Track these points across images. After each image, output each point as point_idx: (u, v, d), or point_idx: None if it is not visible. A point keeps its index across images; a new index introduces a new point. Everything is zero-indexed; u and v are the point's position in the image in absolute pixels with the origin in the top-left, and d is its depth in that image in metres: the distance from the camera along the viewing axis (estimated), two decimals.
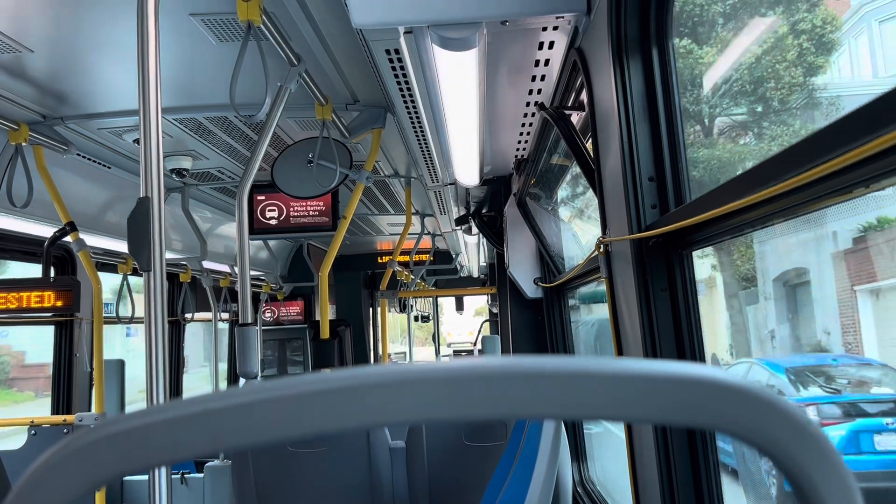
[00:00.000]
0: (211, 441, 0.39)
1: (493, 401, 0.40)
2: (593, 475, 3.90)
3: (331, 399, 0.39)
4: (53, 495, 0.39)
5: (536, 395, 0.40)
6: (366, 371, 0.40)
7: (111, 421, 0.39)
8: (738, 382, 0.39)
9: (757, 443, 0.40)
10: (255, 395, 0.39)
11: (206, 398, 0.39)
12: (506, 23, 2.11)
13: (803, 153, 0.99)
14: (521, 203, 4.21)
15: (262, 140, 2.62)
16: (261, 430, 0.39)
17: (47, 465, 0.40)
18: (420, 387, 0.39)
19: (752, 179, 1.15)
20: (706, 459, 1.65)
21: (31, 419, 4.07)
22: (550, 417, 0.41)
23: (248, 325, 2.57)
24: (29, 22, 2.41)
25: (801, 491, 0.40)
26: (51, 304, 3.88)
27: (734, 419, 0.40)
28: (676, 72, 1.72)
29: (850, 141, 0.84)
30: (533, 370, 0.40)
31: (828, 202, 1.03)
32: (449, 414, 0.40)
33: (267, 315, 8.53)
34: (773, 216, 1.20)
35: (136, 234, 1.66)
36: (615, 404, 0.40)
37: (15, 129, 3.25)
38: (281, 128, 3.81)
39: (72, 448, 0.39)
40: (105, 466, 0.40)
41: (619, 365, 0.40)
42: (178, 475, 4.84)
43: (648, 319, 1.71)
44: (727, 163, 3.83)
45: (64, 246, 4.62)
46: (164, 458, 0.39)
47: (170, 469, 1.76)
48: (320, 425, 0.39)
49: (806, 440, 0.40)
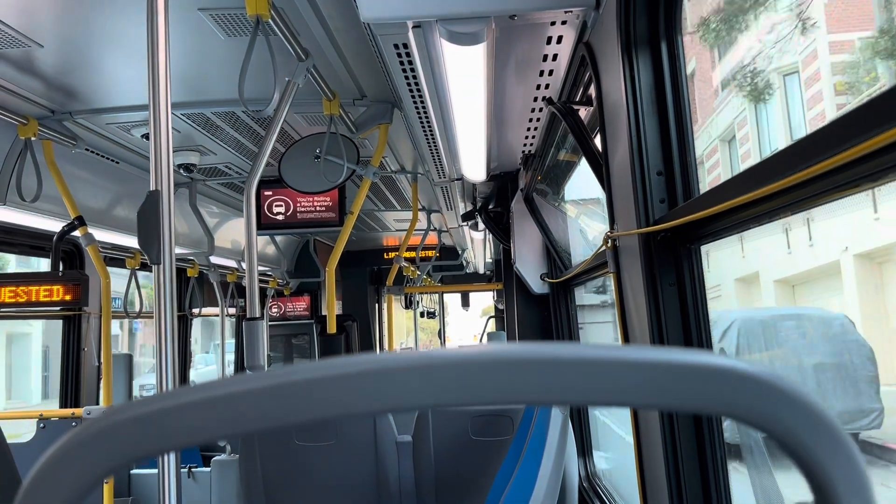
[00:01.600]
0: (229, 424, 0.39)
1: (503, 386, 0.40)
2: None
3: (344, 384, 0.39)
4: (72, 479, 0.40)
5: (545, 380, 0.40)
6: (379, 357, 0.40)
7: (128, 406, 0.40)
8: (750, 369, 0.40)
9: (769, 429, 0.40)
10: (270, 379, 0.39)
11: (222, 383, 0.39)
12: (514, 17, 2.11)
13: (812, 147, 0.99)
14: (527, 198, 4.21)
15: (269, 135, 2.62)
16: (278, 413, 0.39)
17: (65, 450, 0.40)
18: (435, 372, 0.39)
19: (761, 173, 1.15)
20: (713, 446, 1.65)
21: (39, 412, 4.10)
22: (562, 403, 0.41)
23: (255, 320, 2.58)
24: (39, 17, 2.42)
25: (813, 479, 0.41)
26: (59, 298, 3.90)
27: (746, 406, 0.40)
28: (685, 66, 1.72)
29: (862, 133, 0.84)
30: (543, 356, 0.40)
31: (837, 195, 1.03)
32: (461, 399, 0.40)
33: (273, 310, 8.55)
34: (782, 210, 1.20)
35: (146, 228, 1.67)
36: (627, 390, 0.40)
37: (24, 124, 3.27)
38: (288, 123, 3.81)
39: (90, 432, 0.40)
40: (122, 450, 0.40)
41: (631, 351, 0.40)
42: (186, 469, 4.86)
43: (656, 314, 1.71)
44: None
45: (72, 240, 4.64)
46: (180, 441, 0.39)
47: (179, 462, 1.77)
48: (332, 410, 0.39)
49: (819, 428, 0.40)
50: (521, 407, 3.26)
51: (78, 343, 5.11)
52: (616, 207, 1.99)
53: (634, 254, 1.79)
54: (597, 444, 4.02)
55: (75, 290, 3.90)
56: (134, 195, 4.54)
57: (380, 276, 10.46)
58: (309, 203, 4.80)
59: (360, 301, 9.88)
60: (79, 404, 5.03)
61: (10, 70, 2.85)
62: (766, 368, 0.40)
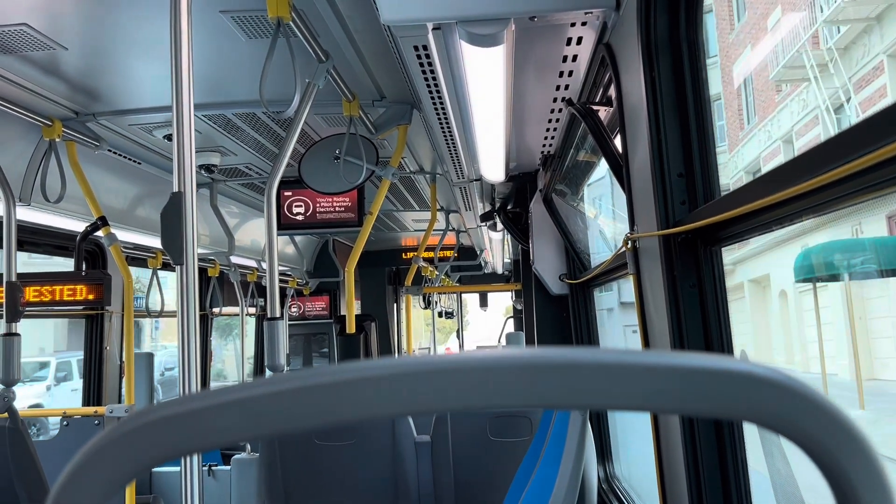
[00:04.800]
0: (257, 426, 0.40)
1: (523, 390, 0.40)
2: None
3: (369, 386, 0.40)
4: (103, 479, 0.41)
5: (566, 385, 0.40)
6: (401, 361, 0.40)
7: (157, 407, 0.41)
8: (770, 373, 0.40)
9: (789, 434, 0.40)
10: (298, 381, 0.40)
11: (250, 385, 0.40)
12: (534, 18, 2.10)
13: (835, 149, 0.98)
14: (546, 199, 4.20)
15: (290, 136, 2.64)
16: (305, 416, 0.40)
17: (95, 450, 0.41)
18: (458, 375, 0.40)
19: (784, 175, 1.14)
20: (734, 451, 1.64)
21: (63, 410, 4.15)
22: (582, 408, 0.41)
23: (275, 319, 2.60)
24: (63, 20, 2.45)
25: (834, 483, 0.41)
26: (83, 297, 3.95)
27: (766, 410, 0.40)
28: (706, 66, 1.71)
29: (889, 135, 0.83)
30: (563, 360, 0.40)
31: (861, 198, 1.02)
32: (481, 403, 0.41)
33: (293, 310, 8.59)
34: (804, 212, 1.19)
35: (169, 228, 1.69)
36: (648, 395, 0.40)
37: (49, 126, 3.31)
38: (308, 124, 3.83)
39: (120, 433, 0.41)
40: (151, 451, 0.41)
41: (652, 356, 0.40)
42: (206, 467, 4.91)
43: (676, 316, 1.70)
44: None
45: (95, 240, 4.70)
46: (208, 442, 0.40)
47: (201, 461, 1.78)
48: (358, 412, 0.40)
49: (839, 432, 0.40)
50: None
51: (101, 342, 5.17)
52: (636, 209, 1.98)
53: (655, 255, 1.79)
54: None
55: (98, 289, 3.95)
56: (155, 195, 4.59)
57: (398, 276, 10.48)
58: (328, 203, 4.82)
59: (379, 301, 9.91)
60: (101, 402, 5.09)
61: (35, 72, 2.89)
62: (786, 372, 0.40)
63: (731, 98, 11.76)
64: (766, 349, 10.47)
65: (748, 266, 10.30)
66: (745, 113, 11.43)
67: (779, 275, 9.38)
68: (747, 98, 11.33)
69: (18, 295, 3.21)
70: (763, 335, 10.78)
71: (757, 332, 10.93)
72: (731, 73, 11.80)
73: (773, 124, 9.89)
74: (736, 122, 11.68)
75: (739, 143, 11.46)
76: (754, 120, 10.85)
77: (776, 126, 9.74)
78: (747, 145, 11.15)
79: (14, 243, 3.22)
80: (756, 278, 10.35)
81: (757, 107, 10.81)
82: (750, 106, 11.26)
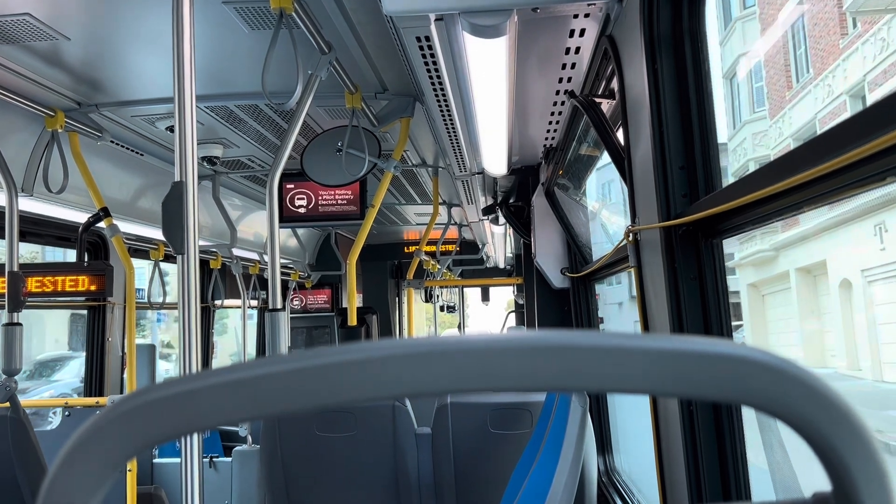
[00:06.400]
0: (252, 407, 0.40)
1: (523, 372, 0.40)
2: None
3: (365, 368, 0.40)
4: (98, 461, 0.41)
5: (563, 367, 0.40)
6: (401, 342, 0.41)
7: (151, 388, 0.41)
8: (767, 357, 0.40)
9: (785, 417, 0.40)
10: (293, 362, 0.40)
11: (245, 365, 0.40)
12: (537, 10, 2.10)
13: (832, 139, 0.98)
14: (549, 192, 4.20)
15: (292, 128, 2.64)
16: (300, 397, 0.40)
17: (91, 432, 0.41)
18: (455, 357, 0.40)
19: (784, 166, 1.14)
20: (732, 437, 1.64)
21: (65, 400, 4.17)
22: (579, 390, 0.42)
23: (277, 311, 2.60)
24: (66, 10, 2.45)
25: (829, 466, 0.41)
26: (84, 288, 3.96)
27: (763, 394, 0.40)
28: (709, 59, 1.71)
29: (888, 124, 0.83)
30: (561, 342, 0.40)
31: (860, 189, 1.02)
32: (479, 384, 0.41)
33: (295, 303, 8.60)
34: (804, 203, 1.19)
35: (171, 217, 1.69)
36: (644, 377, 0.40)
37: (51, 116, 3.32)
38: (310, 116, 3.83)
39: (115, 414, 0.41)
40: (145, 432, 0.41)
41: (649, 339, 0.41)
42: (207, 459, 4.92)
43: (677, 308, 1.70)
44: None
45: (97, 232, 4.70)
46: (202, 423, 0.40)
47: (201, 452, 1.79)
48: (354, 393, 0.40)
49: (836, 416, 0.40)
50: (541, 400, 3.26)
51: (102, 333, 5.19)
52: (637, 201, 1.98)
53: (656, 248, 1.79)
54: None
55: (100, 280, 3.96)
56: (158, 187, 4.59)
57: (400, 269, 10.49)
58: (330, 196, 4.82)
59: (381, 294, 9.91)
60: (103, 393, 5.10)
61: (38, 62, 2.89)
62: (783, 356, 0.40)
63: (775, 54, 9.72)
64: (817, 350, 9.19)
65: (796, 251, 9.14)
66: (793, 69, 9.41)
67: (840, 260, 8.19)
68: (796, 49, 9.26)
69: (20, 285, 3.22)
70: (815, 334, 9.58)
71: (806, 331, 9.71)
72: (774, 24, 9.88)
73: (835, 76, 7.99)
74: (782, 81, 9.66)
75: (787, 103, 9.42)
76: (808, 75, 8.91)
77: (841, 78, 7.82)
78: (797, 106, 9.15)
79: (16, 234, 3.23)
80: (806, 266, 9.07)
81: (813, 58, 8.79)
82: (800, 59, 9.18)
